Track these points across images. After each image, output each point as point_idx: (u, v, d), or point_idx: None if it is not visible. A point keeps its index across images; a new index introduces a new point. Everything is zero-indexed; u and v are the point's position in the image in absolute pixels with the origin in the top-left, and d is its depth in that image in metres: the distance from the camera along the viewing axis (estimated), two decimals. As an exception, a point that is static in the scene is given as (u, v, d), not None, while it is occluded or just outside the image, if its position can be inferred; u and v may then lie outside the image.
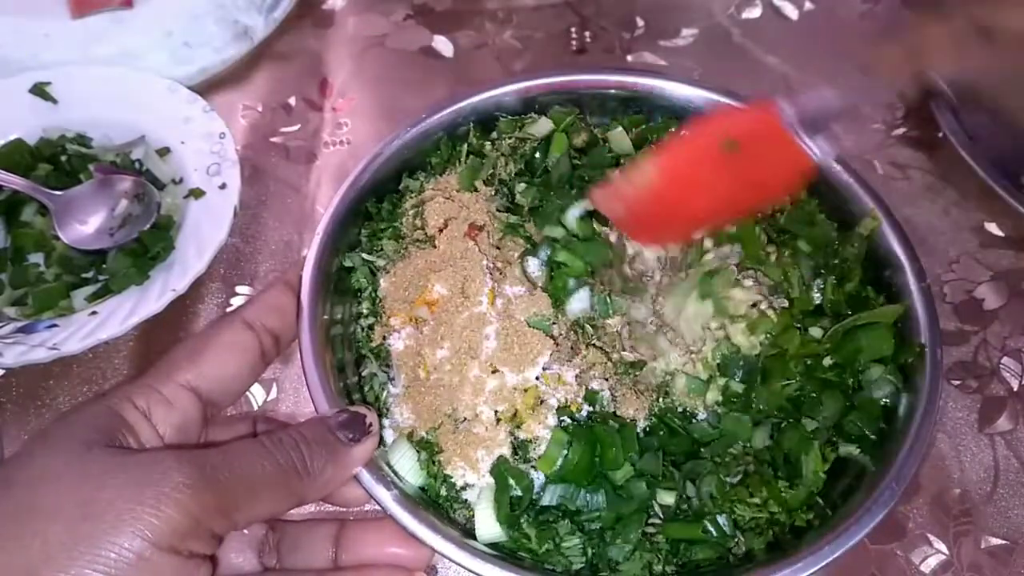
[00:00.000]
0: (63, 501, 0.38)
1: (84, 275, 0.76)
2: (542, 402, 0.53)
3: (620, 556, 0.50)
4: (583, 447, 0.51)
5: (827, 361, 0.55)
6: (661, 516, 0.52)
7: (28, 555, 0.36)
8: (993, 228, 0.82)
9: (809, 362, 0.56)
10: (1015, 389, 0.72)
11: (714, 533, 0.50)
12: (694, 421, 0.55)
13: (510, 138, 0.63)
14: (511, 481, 0.51)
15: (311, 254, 0.55)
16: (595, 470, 0.52)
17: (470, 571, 0.47)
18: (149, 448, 0.43)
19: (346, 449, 0.47)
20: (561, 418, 0.53)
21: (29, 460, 0.40)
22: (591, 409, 0.54)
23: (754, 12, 1.00)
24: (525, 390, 0.53)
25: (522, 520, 0.51)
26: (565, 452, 0.51)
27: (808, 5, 0.99)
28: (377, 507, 0.49)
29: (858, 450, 0.53)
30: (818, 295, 0.58)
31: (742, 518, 0.51)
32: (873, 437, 0.53)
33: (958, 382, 0.72)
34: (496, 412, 0.52)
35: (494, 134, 0.64)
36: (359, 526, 0.51)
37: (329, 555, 0.50)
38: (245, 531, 0.50)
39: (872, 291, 0.59)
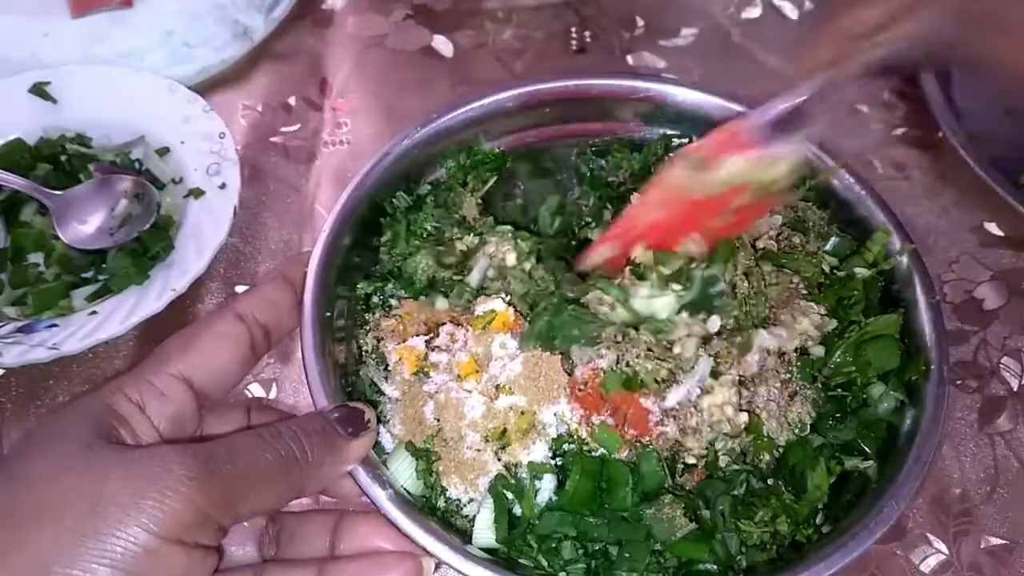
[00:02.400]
0: (68, 497, 0.38)
1: (84, 275, 0.76)
2: (534, 428, 0.51)
3: None
4: (585, 478, 0.50)
5: (836, 379, 0.55)
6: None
7: (39, 552, 0.36)
8: (993, 228, 0.82)
9: (818, 384, 0.55)
10: (1015, 389, 0.72)
11: (720, 554, 0.50)
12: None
13: None
14: (510, 495, 0.50)
15: (316, 251, 0.55)
16: (597, 501, 0.50)
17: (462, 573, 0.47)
18: (149, 443, 0.43)
19: (345, 443, 0.47)
20: (557, 449, 0.51)
21: (29, 457, 0.40)
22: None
23: (754, 12, 1.00)
24: (522, 412, 0.51)
25: (522, 539, 0.50)
26: (556, 490, 0.50)
27: (808, 5, 0.99)
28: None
29: (863, 462, 0.53)
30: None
31: (749, 536, 0.50)
32: (877, 453, 0.53)
33: (958, 382, 0.72)
34: (484, 435, 0.51)
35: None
36: (358, 516, 0.51)
37: (327, 545, 0.50)
38: (245, 523, 0.49)
39: (879, 306, 0.58)
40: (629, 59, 0.96)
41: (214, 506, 0.39)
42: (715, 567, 0.50)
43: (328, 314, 0.55)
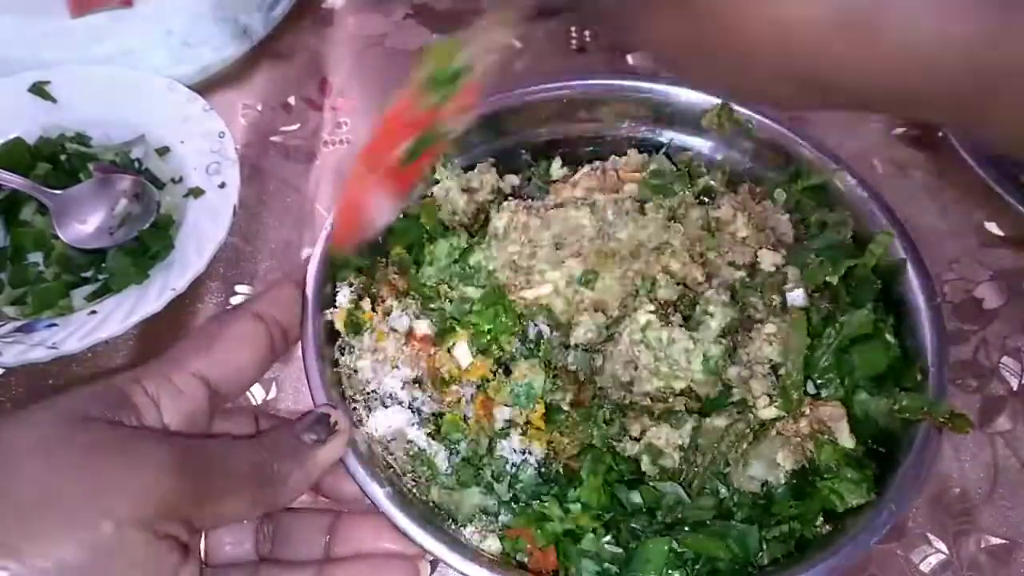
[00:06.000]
0: (41, 470, 0.38)
1: (83, 274, 0.76)
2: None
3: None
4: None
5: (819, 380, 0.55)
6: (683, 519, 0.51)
7: (2, 519, 0.36)
8: (993, 228, 0.81)
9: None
10: (1015, 389, 0.72)
11: (737, 551, 0.49)
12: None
13: None
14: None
15: (316, 252, 0.55)
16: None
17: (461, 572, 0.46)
18: (135, 426, 0.42)
19: (310, 451, 0.46)
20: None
21: (17, 427, 0.40)
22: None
23: (754, 12, 1.00)
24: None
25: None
26: None
27: (808, 5, 0.99)
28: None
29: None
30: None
31: (769, 530, 0.50)
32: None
33: (958, 381, 0.72)
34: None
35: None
36: (355, 518, 0.51)
37: (323, 545, 0.50)
38: (244, 520, 0.50)
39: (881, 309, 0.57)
40: (629, 59, 0.96)
41: (185, 499, 0.39)
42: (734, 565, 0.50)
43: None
